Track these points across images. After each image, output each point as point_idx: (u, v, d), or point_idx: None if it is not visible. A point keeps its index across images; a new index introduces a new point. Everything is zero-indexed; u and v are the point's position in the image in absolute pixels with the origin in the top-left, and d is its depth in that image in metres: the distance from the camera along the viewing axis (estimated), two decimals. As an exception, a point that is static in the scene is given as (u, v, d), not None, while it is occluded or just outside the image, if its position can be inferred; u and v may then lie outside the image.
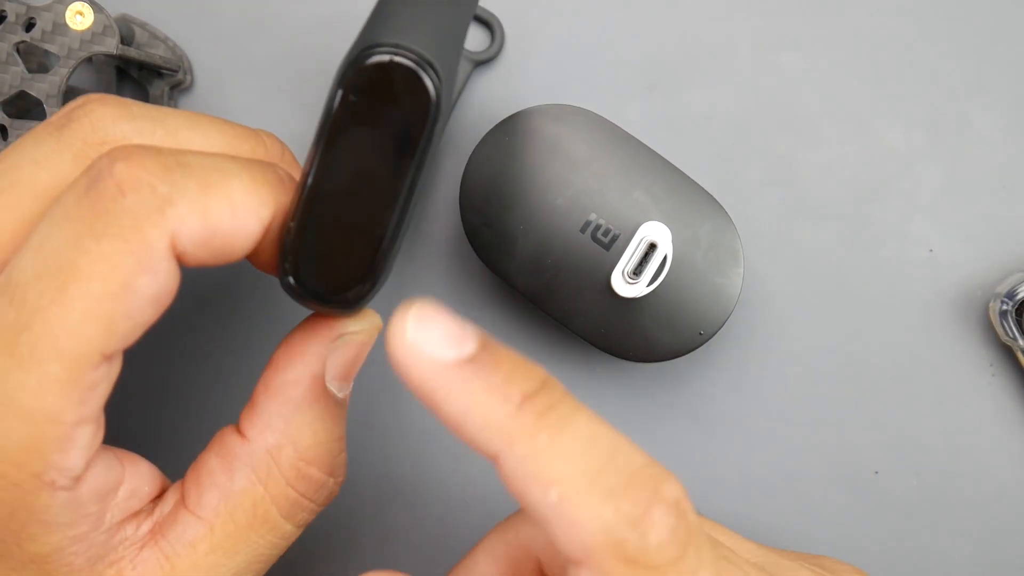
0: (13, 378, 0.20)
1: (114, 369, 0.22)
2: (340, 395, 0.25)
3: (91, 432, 0.22)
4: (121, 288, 0.21)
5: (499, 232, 0.30)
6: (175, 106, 0.34)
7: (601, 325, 0.30)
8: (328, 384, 0.25)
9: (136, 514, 0.24)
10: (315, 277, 0.23)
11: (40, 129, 0.23)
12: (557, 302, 0.30)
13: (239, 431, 0.25)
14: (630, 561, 0.19)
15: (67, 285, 0.20)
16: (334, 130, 0.22)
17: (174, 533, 0.24)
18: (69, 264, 0.20)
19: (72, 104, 0.24)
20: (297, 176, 0.25)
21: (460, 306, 0.33)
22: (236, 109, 0.34)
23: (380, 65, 0.21)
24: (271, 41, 0.34)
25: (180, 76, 0.33)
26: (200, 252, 0.22)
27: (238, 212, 0.22)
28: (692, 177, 0.31)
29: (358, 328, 0.25)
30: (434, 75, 0.22)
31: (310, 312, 0.25)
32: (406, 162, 0.22)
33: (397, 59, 0.21)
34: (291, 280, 0.23)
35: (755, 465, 0.33)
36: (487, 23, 0.34)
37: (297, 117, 0.34)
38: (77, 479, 0.22)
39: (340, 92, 0.22)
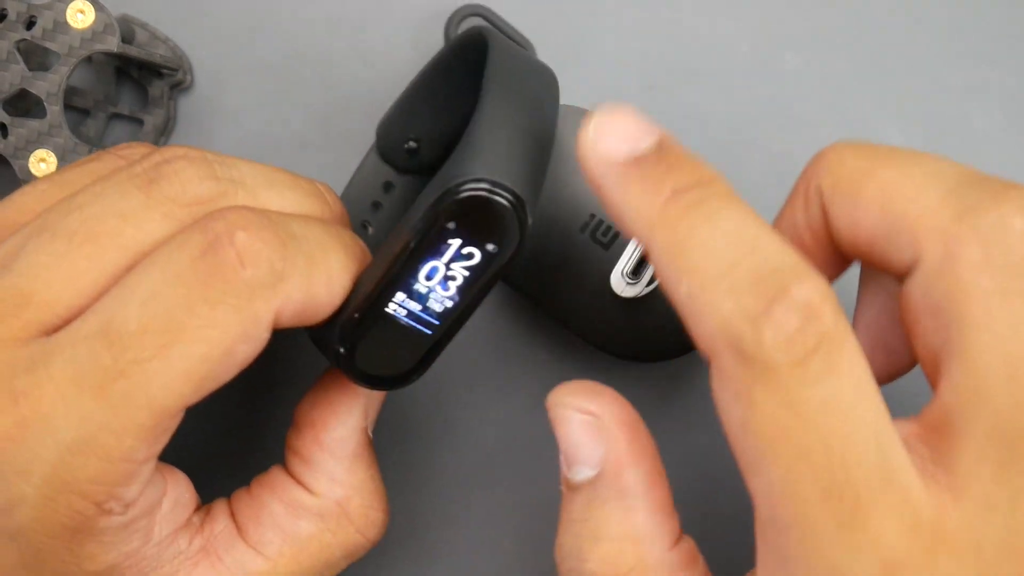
0: (99, 418, 0.21)
1: (181, 417, 0.23)
2: (371, 434, 0.27)
3: (151, 467, 0.23)
4: (222, 354, 0.22)
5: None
6: (175, 105, 0.34)
7: (601, 325, 0.30)
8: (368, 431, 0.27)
9: (185, 527, 0.25)
10: (367, 363, 0.25)
11: (124, 181, 0.24)
12: (557, 302, 0.30)
13: (303, 485, 0.26)
14: (746, 358, 0.19)
15: (173, 344, 0.21)
16: (420, 247, 0.23)
17: (232, 559, 0.25)
18: (179, 325, 0.21)
19: (157, 158, 0.24)
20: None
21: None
22: (236, 109, 0.34)
23: (485, 201, 0.23)
24: (271, 41, 0.34)
25: (180, 76, 0.33)
26: (292, 320, 0.23)
27: (333, 288, 0.24)
28: (692, 177, 0.31)
29: None
30: (526, 220, 0.23)
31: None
32: (477, 286, 0.24)
33: (500, 199, 0.23)
34: (342, 357, 0.25)
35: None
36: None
37: (297, 117, 0.34)
38: (130, 505, 0.23)
39: (439, 216, 0.23)
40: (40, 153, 0.31)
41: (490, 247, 0.24)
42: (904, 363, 0.25)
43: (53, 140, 0.31)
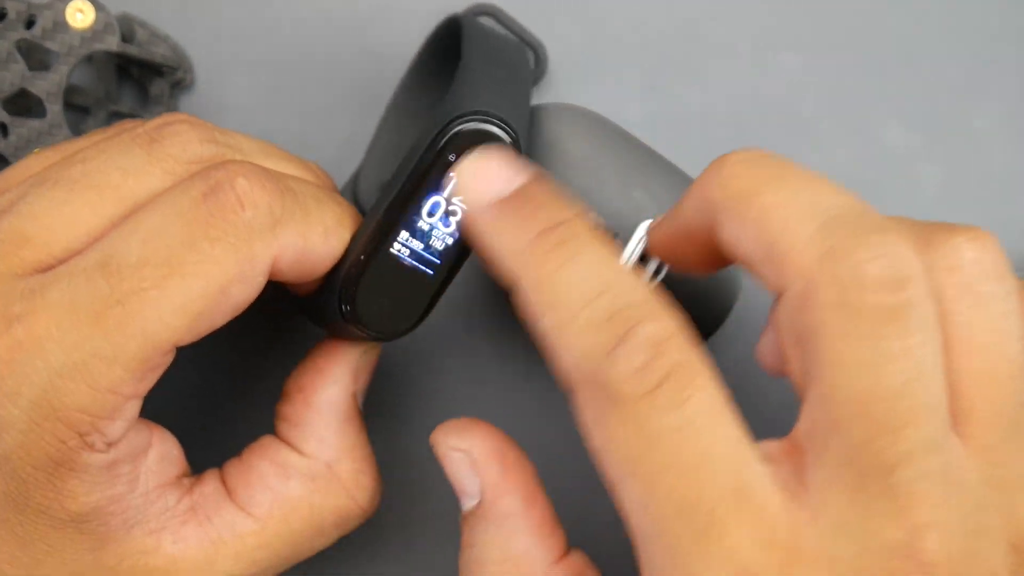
0: (91, 345, 0.22)
1: (170, 358, 0.23)
2: (361, 406, 0.28)
3: (136, 407, 0.23)
4: (218, 291, 0.23)
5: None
6: (175, 105, 0.34)
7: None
8: (358, 397, 0.28)
9: (174, 485, 0.25)
10: (370, 312, 0.25)
11: (127, 140, 0.25)
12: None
13: (293, 447, 0.27)
14: (601, 390, 0.20)
15: (172, 276, 0.22)
16: (424, 181, 0.25)
17: (220, 520, 0.25)
18: (178, 258, 0.22)
19: (159, 121, 0.25)
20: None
21: (459, 306, 0.33)
22: (236, 108, 0.34)
23: (486, 133, 0.24)
24: (271, 41, 0.34)
25: (180, 75, 0.33)
26: (288, 271, 0.24)
27: (329, 239, 0.25)
28: (692, 177, 0.31)
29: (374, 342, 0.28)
30: (516, 141, 0.25)
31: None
32: None
33: (500, 131, 0.25)
34: (345, 308, 0.25)
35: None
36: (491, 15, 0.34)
37: (297, 117, 0.34)
38: (112, 445, 0.23)
39: (435, 150, 0.24)
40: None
41: None
42: None
43: (53, 140, 0.31)
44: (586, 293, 0.21)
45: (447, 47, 0.29)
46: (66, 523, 0.23)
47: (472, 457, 0.24)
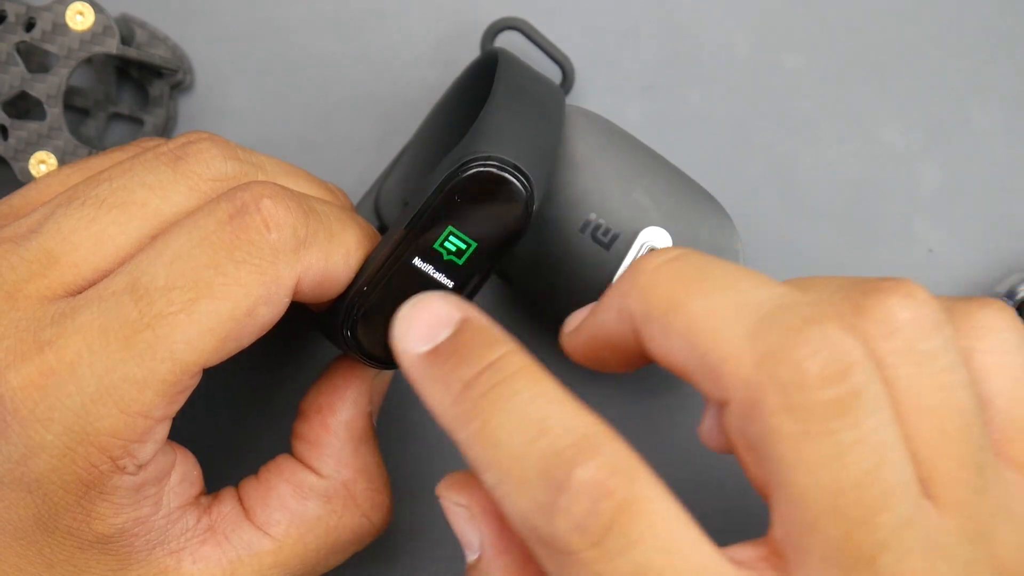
0: (122, 369, 0.22)
1: (198, 379, 0.23)
2: (375, 424, 0.28)
3: (165, 429, 0.24)
4: (245, 313, 0.23)
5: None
6: (175, 106, 0.34)
7: (601, 325, 0.30)
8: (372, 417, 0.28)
9: (193, 505, 0.25)
10: (373, 339, 0.26)
11: (151, 159, 0.25)
12: (557, 302, 0.30)
13: (310, 468, 0.27)
14: (548, 547, 0.19)
15: (199, 299, 0.22)
16: (428, 221, 0.25)
17: (238, 539, 0.25)
18: (205, 281, 0.22)
19: (182, 139, 0.26)
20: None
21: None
22: (236, 109, 0.34)
23: (489, 176, 0.25)
24: (271, 41, 0.34)
25: (180, 76, 0.33)
26: (310, 292, 0.24)
27: (350, 261, 0.25)
28: (692, 177, 0.31)
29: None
30: (532, 200, 0.25)
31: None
32: (488, 257, 0.25)
33: (505, 173, 0.25)
34: (348, 334, 0.25)
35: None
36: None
37: (297, 118, 0.34)
38: (142, 467, 0.23)
39: (444, 191, 0.25)
40: (40, 155, 0.31)
41: (498, 224, 0.25)
42: None
43: (53, 142, 0.31)
44: (518, 443, 0.20)
45: (489, 76, 0.28)
46: (92, 544, 0.23)
47: (472, 513, 0.23)
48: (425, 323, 0.22)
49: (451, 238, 0.25)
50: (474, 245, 0.25)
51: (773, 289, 0.21)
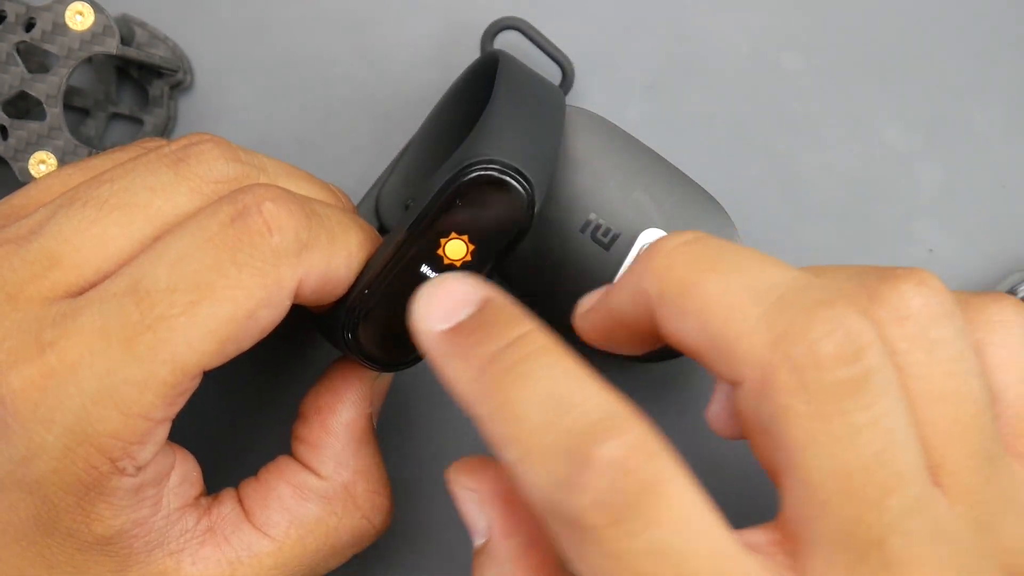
0: (123, 371, 0.22)
1: (198, 382, 0.23)
2: (375, 426, 0.28)
3: (165, 431, 0.24)
4: (246, 316, 0.23)
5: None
6: (175, 106, 0.34)
7: (601, 325, 0.30)
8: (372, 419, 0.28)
9: (192, 506, 0.25)
10: (373, 341, 0.26)
11: (153, 160, 0.25)
12: (557, 302, 0.30)
13: (310, 469, 0.27)
14: (568, 523, 0.19)
15: (200, 301, 0.22)
16: (428, 224, 0.25)
17: (238, 540, 0.25)
18: (207, 284, 0.22)
19: (184, 141, 0.26)
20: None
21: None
22: (236, 109, 0.34)
23: (490, 179, 0.25)
24: (271, 41, 0.34)
25: (180, 76, 0.33)
26: (312, 294, 0.24)
27: (352, 264, 0.25)
28: (692, 177, 0.31)
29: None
30: (534, 203, 0.25)
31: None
32: (489, 259, 0.26)
33: (506, 177, 0.25)
34: (349, 336, 0.26)
35: (756, 464, 0.33)
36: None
37: (297, 118, 0.34)
38: (141, 469, 0.23)
39: (445, 195, 0.25)
40: (40, 155, 0.31)
41: (499, 227, 0.25)
42: None
43: (53, 142, 0.31)
44: (542, 418, 0.20)
45: (489, 78, 0.28)
46: (92, 545, 0.23)
47: (481, 497, 0.23)
48: (446, 302, 0.22)
49: (453, 241, 0.25)
50: (475, 248, 0.25)
51: (788, 272, 0.21)
